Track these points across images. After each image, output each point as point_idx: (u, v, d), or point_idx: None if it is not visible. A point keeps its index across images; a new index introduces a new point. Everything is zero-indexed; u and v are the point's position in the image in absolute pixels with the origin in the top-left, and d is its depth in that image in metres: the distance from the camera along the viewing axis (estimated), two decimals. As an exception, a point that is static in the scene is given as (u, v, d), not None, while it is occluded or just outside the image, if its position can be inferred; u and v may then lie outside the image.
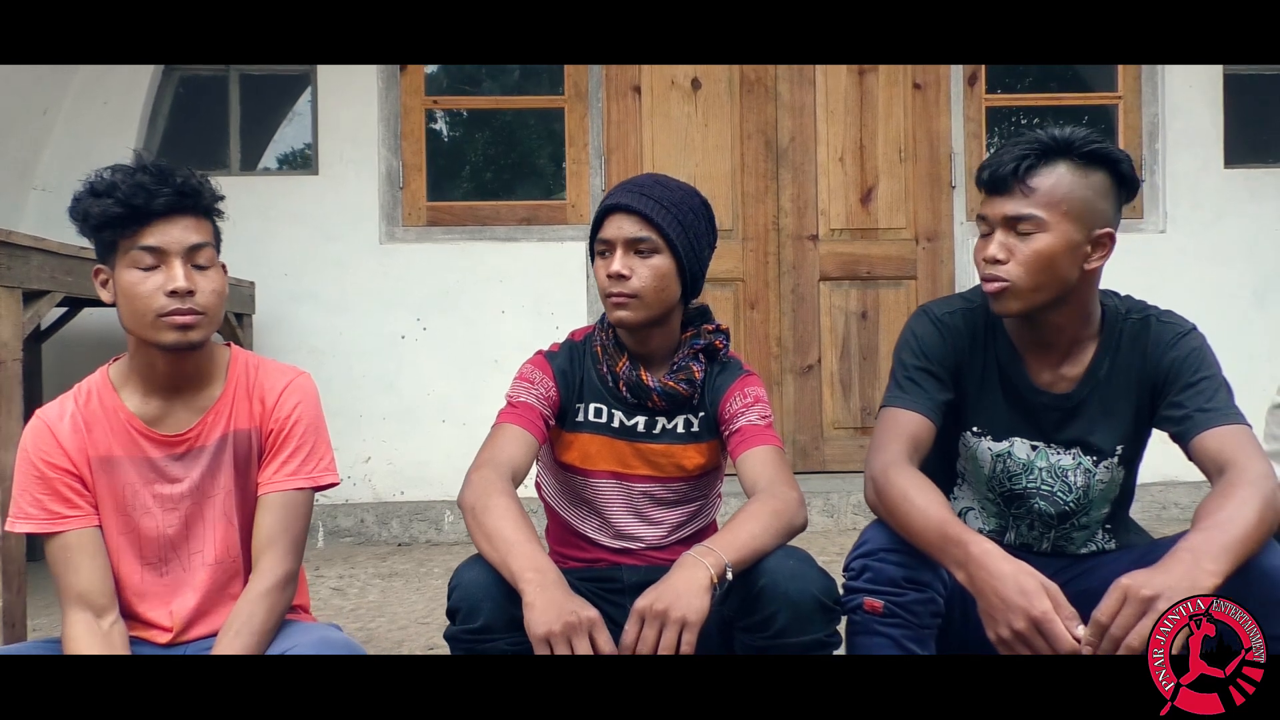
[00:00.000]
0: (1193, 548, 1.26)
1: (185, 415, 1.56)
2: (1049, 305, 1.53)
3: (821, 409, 4.02)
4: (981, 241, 1.55)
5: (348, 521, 3.76)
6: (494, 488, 1.51)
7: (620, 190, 1.65)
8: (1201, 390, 1.51)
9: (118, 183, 1.44)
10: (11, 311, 2.00)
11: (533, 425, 1.65)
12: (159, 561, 1.56)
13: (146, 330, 1.47)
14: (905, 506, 1.43)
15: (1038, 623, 1.25)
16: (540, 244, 3.90)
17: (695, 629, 1.32)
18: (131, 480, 1.54)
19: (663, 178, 1.70)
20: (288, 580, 1.53)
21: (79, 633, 1.45)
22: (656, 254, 1.63)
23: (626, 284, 1.62)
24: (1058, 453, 1.62)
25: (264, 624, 1.47)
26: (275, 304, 3.80)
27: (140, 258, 1.45)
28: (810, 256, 4.02)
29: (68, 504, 1.51)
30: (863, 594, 1.46)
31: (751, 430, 1.65)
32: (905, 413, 1.57)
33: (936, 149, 4.03)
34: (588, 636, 1.30)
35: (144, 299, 1.45)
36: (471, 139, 4.37)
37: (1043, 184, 1.47)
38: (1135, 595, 1.21)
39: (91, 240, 1.50)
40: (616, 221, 1.63)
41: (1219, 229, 4.00)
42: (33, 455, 1.52)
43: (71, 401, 1.56)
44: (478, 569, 1.44)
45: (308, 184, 3.94)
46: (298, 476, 1.57)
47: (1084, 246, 1.49)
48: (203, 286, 1.48)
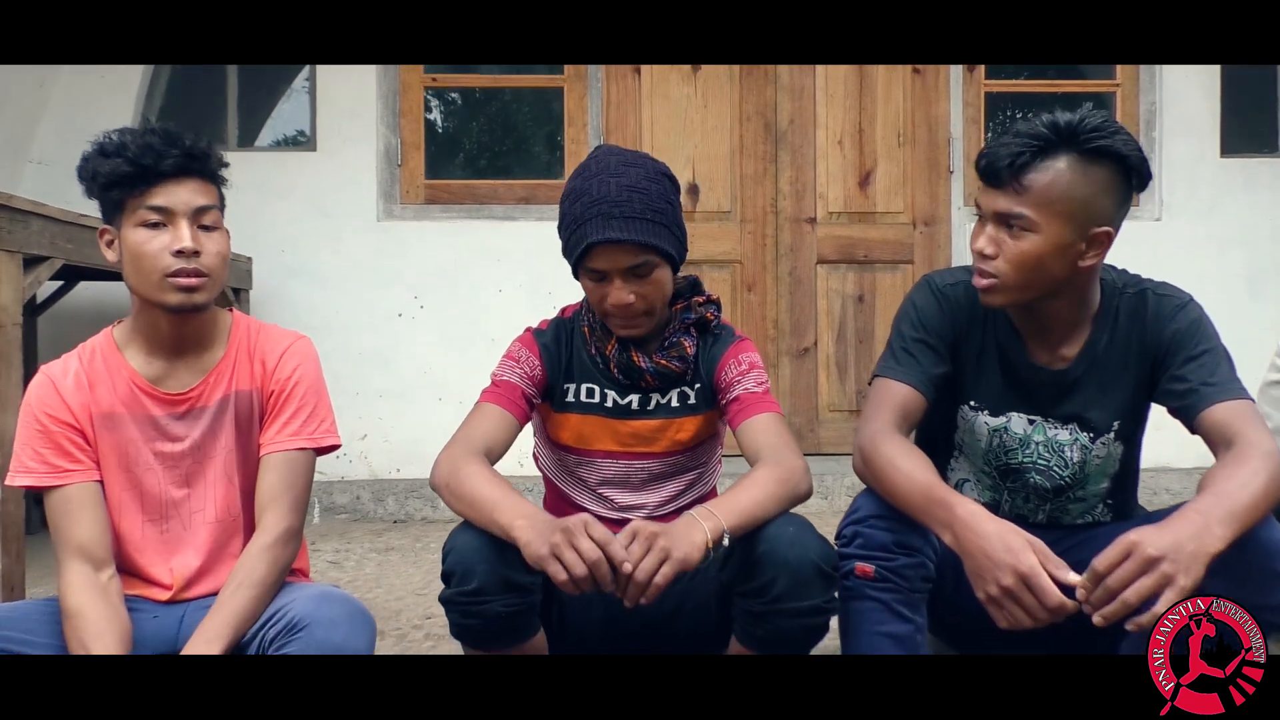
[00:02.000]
0: (1203, 510, 1.26)
1: (188, 375, 1.58)
2: (1040, 299, 1.53)
3: (817, 392, 4.04)
4: (977, 227, 1.53)
5: (343, 498, 3.77)
6: (462, 459, 1.51)
7: (600, 219, 1.53)
8: (1204, 363, 1.50)
9: (127, 143, 1.46)
10: (12, 276, 2.00)
11: (513, 404, 1.64)
12: (160, 518, 1.57)
13: (152, 290, 1.49)
14: (891, 472, 1.44)
15: (1025, 577, 1.25)
16: (538, 223, 3.90)
17: (677, 565, 1.31)
18: (133, 437, 1.56)
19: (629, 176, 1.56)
20: (290, 536, 1.55)
21: (77, 583, 1.46)
22: (656, 269, 1.58)
23: (632, 309, 1.58)
24: (1055, 428, 1.63)
25: (266, 577, 1.49)
26: (272, 280, 3.80)
27: (147, 216, 1.47)
28: (808, 239, 4.03)
29: (69, 458, 1.52)
30: (854, 559, 1.47)
31: (750, 398, 1.64)
32: (897, 384, 1.57)
33: (935, 134, 4.03)
34: (586, 535, 1.29)
35: (150, 258, 1.47)
36: (470, 117, 4.36)
37: (1037, 182, 1.42)
38: (1140, 552, 1.21)
39: (99, 200, 1.52)
40: (608, 254, 1.54)
41: (1214, 217, 4.01)
42: (36, 409, 1.54)
43: (75, 359, 1.58)
44: (470, 533, 1.44)
45: (306, 161, 3.93)
46: (299, 437, 1.59)
47: (1077, 245, 1.45)
48: (208, 248, 1.50)
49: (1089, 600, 1.23)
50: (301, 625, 1.38)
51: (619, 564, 1.28)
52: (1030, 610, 1.26)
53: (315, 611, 1.40)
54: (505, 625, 1.43)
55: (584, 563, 1.27)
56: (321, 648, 1.36)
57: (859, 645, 1.47)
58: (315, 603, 1.42)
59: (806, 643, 1.49)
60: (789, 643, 1.47)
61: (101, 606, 1.45)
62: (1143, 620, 1.22)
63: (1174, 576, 1.20)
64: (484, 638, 1.45)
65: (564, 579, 1.28)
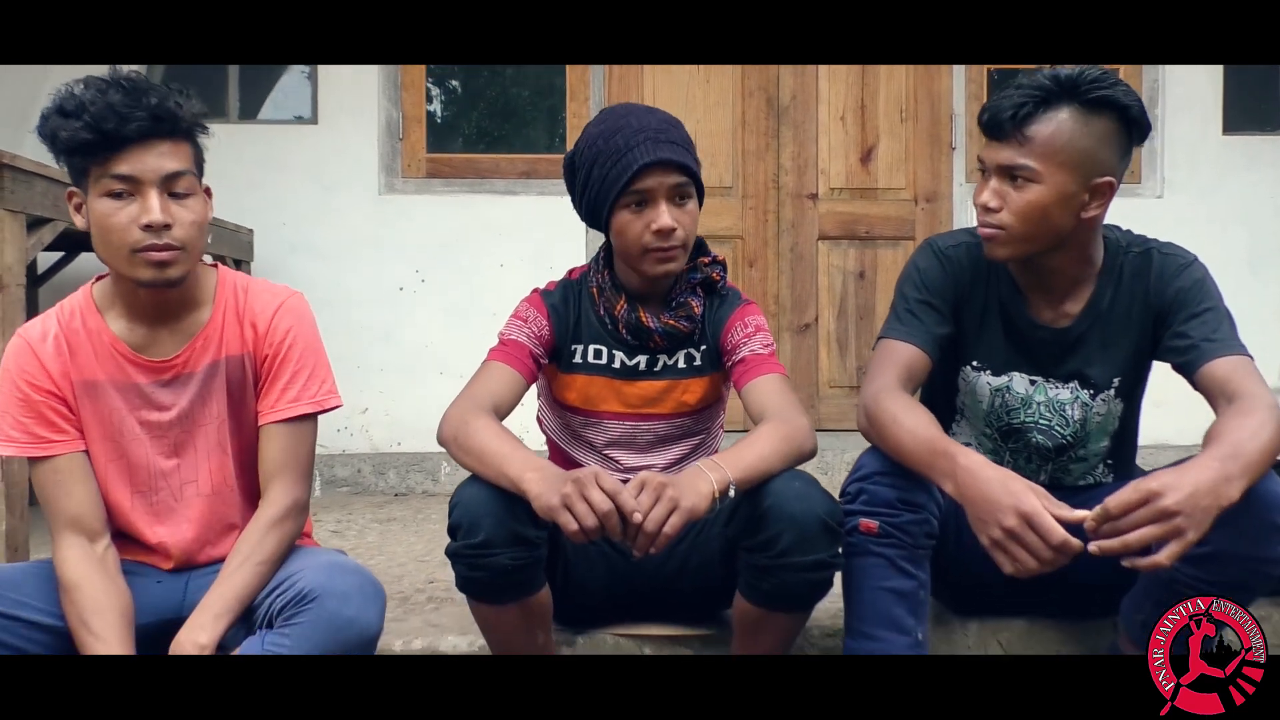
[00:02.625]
0: (1220, 458, 1.26)
1: (172, 341, 1.50)
2: (1044, 252, 1.54)
3: (818, 368, 4.04)
4: (980, 183, 1.54)
5: (344, 471, 3.78)
6: (470, 414, 1.51)
7: (649, 144, 1.56)
8: (1206, 320, 1.51)
9: (86, 102, 1.33)
10: (15, 235, 2.00)
11: (520, 363, 1.64)
12: (149, 490, 1.52)
13: (121, 265, 1.40)
14: (894, 429, 1.45)
15: (1027, 516, 1.26)
16: (540, 198, 3.89)
17: (685, 515, 1.31)
18: (117, 406, 1.49)
19: (661, 114, 1.64)
20: (297, 509, 1.51)
21: (74, 556, 1.43)
22: (691, 200, 1.61)
23: (675, 236, 1.59)
24: (1055, 387, 1.64)
25: (273, 553, 1.46)
26: (273, 252, 3.79)
27: (112, 186, 1.35)
28: (809, 215, 4.02)
29: (53, 428, 1.46)
30: (859, 516, 1.48)
31: (755, 359, 1.65)
32: (901, 344, 1.58)
33: (937, 110, 4.02)
34: (596, 486, 1.30)
35: (117, 231, 1.36)
36: (472, 91, 4.34)
37: (1040, 133, 1.44)
38: (1157, 504, 1.21)
39: (61, 164, 1.41)
40: (656, 175, 1.56)
41: (1216, 195, 4.01)
42: (15, 376, 1.46)
43: (54, 321, 1.49)
44: (477, 486, 1.45)
45: (307, 134, 3.92)
46: (300, 402, 1.52)
47: (1081, 196, 1.47)
48: (180, 218, 1.39)
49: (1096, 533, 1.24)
50: (312, 597, 1.34)
51: (628, 514, 1.28)
52: (1034, 550, 1.26)
53: (327, 583, 1.36)
54: (511, 578, 1.44)
55: (595, 514, 1.28)
56: (332, 621, 1.33)
57: (863, 601, 1.48)
58: (326, 573, 1.38)
59: (811, 598, 1.50)
60: (794, 597, 1.48)
61: (100, 580, 1.41)
62: (1141, 563, 1.24)
63: (1185, 530, 1.21)
64: (490, 590, 1.46)
65: (574, 529, 1.29)
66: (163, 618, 1.49)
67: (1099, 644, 1.80)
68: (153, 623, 1.48)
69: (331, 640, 1.33)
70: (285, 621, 1.35)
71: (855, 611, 1.49)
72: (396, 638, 1.81)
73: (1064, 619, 1.83)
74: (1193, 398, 1.52)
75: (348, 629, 1.34)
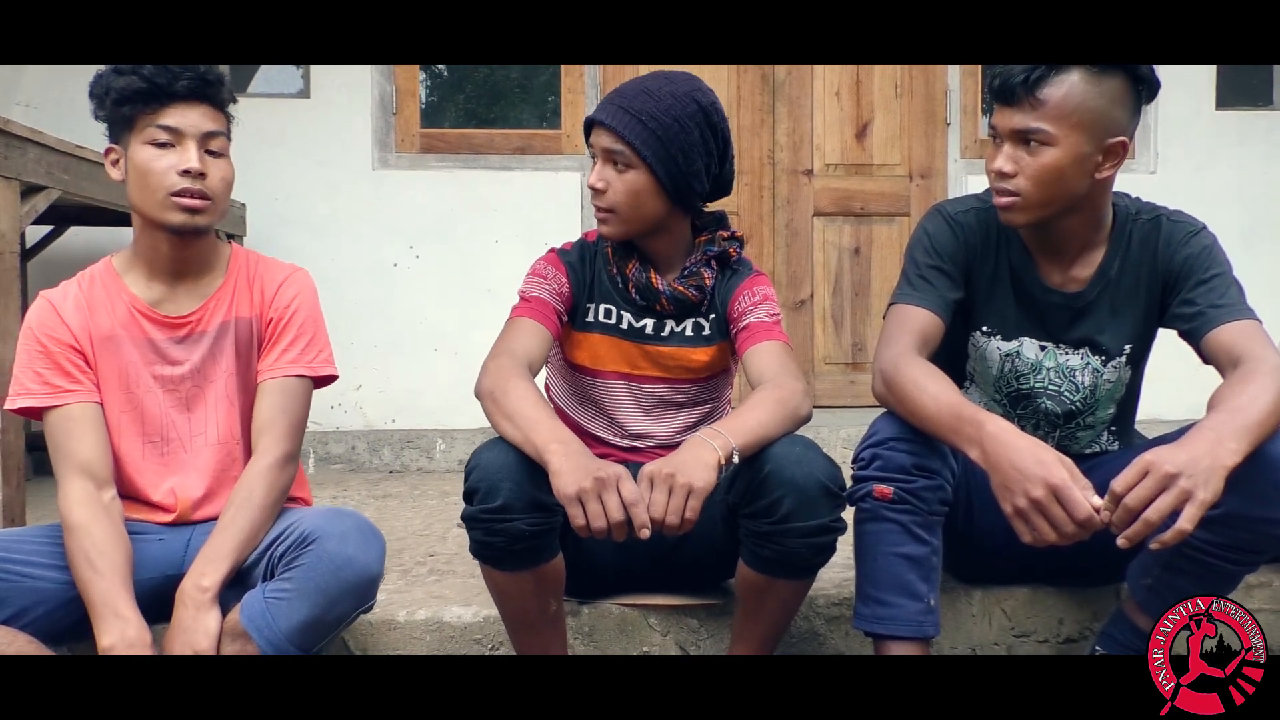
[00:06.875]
0: (1215, 426, 1.27)
1: (187, 300, 1.59)
2: (1059, 215, 1.53)
3: (813, 344, 4.04)
4: (991, 151, 1.53)
5: (338, 448, 3.76)
6: (512, 373, 1.52)
7: (604, 102, 1.64)
8: (1214, 287, 1.51)
9: (139, 65, 1.48)
10: (9, 202, 1.97)
11: (546, 319, 1.65)
12: (160, 440, 1.58)
13: (155, 209, 1.51)
14: (917, 394, 1.45)
15: (1056, 489, 1.26)
16: (535, 174, 3.87)
17: (700, 496, 1.32)
18: (133, 360, 1.56)
19: (655, 84, 1.63)
20: (286, 459, 1.56)
21: (80, 498, 1.47)
22: (631, 169, 1.61)
23: (603, 198, 1.62)
24: (1066, 353, 1.64)
25: (265, 499, 1.50)
26: (266, 227, 3.76)
27: (157, 135, 1.49)
28: (805, 191, 4.01)
29: (69, 378, 1.53)
30: (872, 481, 1.48)
31: (759, 326, 1.65)
32: (915, 309, 1.58)
33: (932, 86, 4.01)
34: (615, 490, 1.31)
35: (157, 175, 1.49)
36: (466, 67, 4.30)
37: (1053, 95, 1.44)
38: (1157, 470, 1.22)
39: (108, 118, 1.53)
40: (596, 133, 1.63)
41: (1209, 171, 4.02)
42: (36, 331, 1.54)
43: (75, 285, 1.59)
44: (497, 449, 1.44)
45: (300, 108, 3.87)
46: (297, 364, 1.60)
47: (1095, 157, 1.47)
48: (214, 173, 1.52)
49: (1111, 522, 1.24)
50: (312, 538, 1.39)
51: (638, 528, 1.31)
52: (1058, 523, 1.26)
53: (326, 525, 1.41)
54: (528, 544, 1.43)
55: (605, 518, 1.30)
56: (334, 559, 1.37)
57: (875, 566, 1.48)
58: (325, 517, 1.44)
59: (814, 563, 1.50)
60: (796, 563, 1.48)
61: (105, 523, 1.45)
62: (1166, 538, 1.23)
63: (1193, 491, 1.21)
64: (506, 557, 1.45)
65: (581, 524, 1.31)
66: (165, 573, 1.52)
67: (1102, 610, 1.81)
68: (156, 578, 1.51)
69: (333, 580, 1.37)
70: (286, 566, 1.40)
71: (868, 576, 1.49)
72: (400, 608, 1.80)
73: (1068, 586, 1.83)
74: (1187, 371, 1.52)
75: (348, 567, 1.37)
